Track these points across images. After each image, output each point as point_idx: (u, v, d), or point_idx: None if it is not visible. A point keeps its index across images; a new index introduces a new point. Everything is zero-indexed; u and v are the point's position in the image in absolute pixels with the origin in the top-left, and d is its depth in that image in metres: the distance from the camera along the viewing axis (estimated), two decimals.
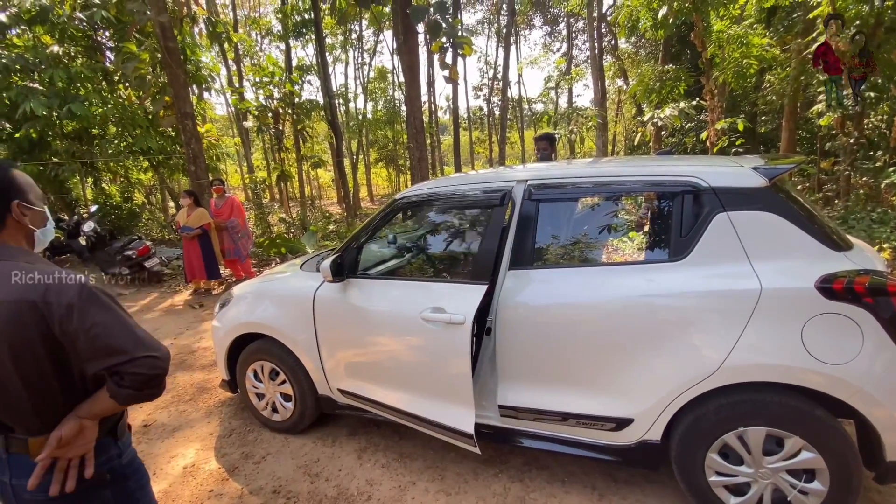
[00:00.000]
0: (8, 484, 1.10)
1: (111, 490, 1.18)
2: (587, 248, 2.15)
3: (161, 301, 6.42)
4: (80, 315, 1.03)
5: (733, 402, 1.72)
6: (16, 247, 1.11)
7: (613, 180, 2.04)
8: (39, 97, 7.62)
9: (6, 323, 1.00)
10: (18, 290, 1.02)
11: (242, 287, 3.10)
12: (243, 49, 15.41)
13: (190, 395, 3.45)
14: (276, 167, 12.94)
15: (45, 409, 1.07)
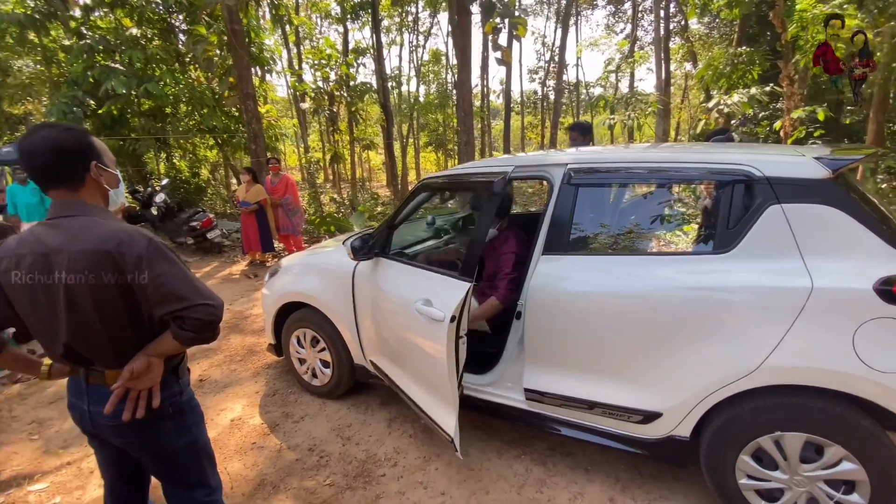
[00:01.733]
0: (86, 410, 1.29)
1: (172, 422, 1.35)
2: (625, 236, 2.08)
3: (220, 270, 6.91)
4: (149, 265, 1.16)
5: (771, 405, 1.65)
6: (93, 204, 1.26)
7: (657, 167, 1.96)
8: (120, 77, 8.29)
9: (87, 270, 1.15)
10: (97, 241, 1.16)
11: (290, 259, 3.28)
12: (303, 32, 15.89)
13: (241, 356, 3.74)
14: (329, 148, 13.34)
15: (119, 345, 1.23)
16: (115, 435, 1.31)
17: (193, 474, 1.44)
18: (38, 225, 1.22)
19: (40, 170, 1.19)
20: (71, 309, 1.17)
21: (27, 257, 1.17)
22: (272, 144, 11.25)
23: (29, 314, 1.21)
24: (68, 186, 1.22)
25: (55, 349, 1.25)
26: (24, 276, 1.17)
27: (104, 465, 1.45)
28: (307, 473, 2.28)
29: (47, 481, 2.29)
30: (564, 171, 2.10)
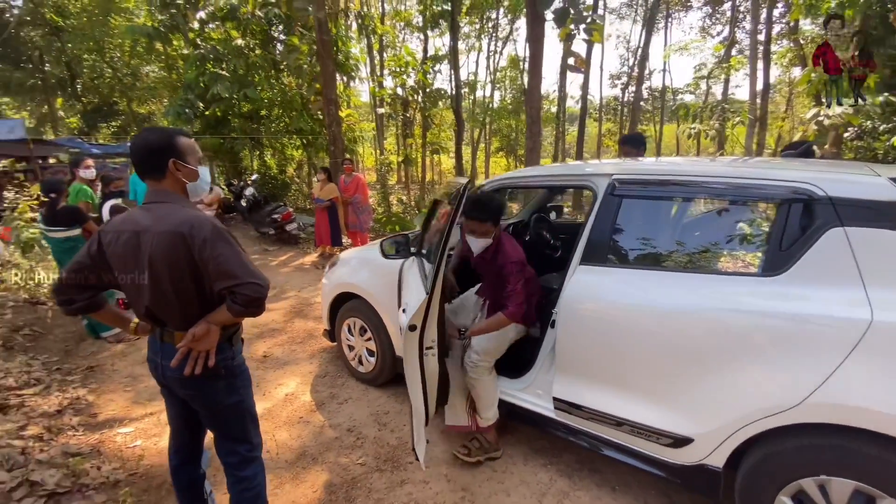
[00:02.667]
0: (160, 363, 1.55)
1: (223, 382, 1.57)
2: (668, 251, 2.00)
3: (294, 259, 7.51)
4: (211, 246, 1.39)
5: (817, 445, 1.52)
6: (174, 193, 1.52)
7: (708, 181, 1.87)
8: (225, 82, 9.31)
9: (165, 247, 1.40)
10: (174, 224, 1.40)
11: (349, 252, 3.53)
12: (387, 41, 16.69)
13: (301, 339, 4.07)
14: (402, 152, 13.89)
15: (187, 312, 1.47)
16: (178, 386, 1.55)
17: (238, 430, 1.65)
18: (137, 208, 1.51)
19: (137, 163, 1.49)
20: (152, 278, 1.42)
21: (125, 233, 1.44)
22: (350, 147, 11.95)
23: (123, 280, 1.49)
24: (154, 177, 1.49)
25: (139, 310, 1.52)
26: (121, 248, 1.44)
27: (170, 413, 1.71)
28: (343, 451, 2.46)
29: (133, 427, 2.70)
30: (609, 182, 2.08)
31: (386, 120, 15.80)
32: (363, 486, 2.20)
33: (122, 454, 2.43)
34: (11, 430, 2.39)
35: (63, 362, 3.52)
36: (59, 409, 2.79)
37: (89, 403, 2.95)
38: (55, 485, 2.03)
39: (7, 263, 4.79)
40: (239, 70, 9.88)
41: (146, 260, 1.41)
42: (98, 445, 2.49)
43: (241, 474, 1.65)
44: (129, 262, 1.44)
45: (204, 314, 1.48)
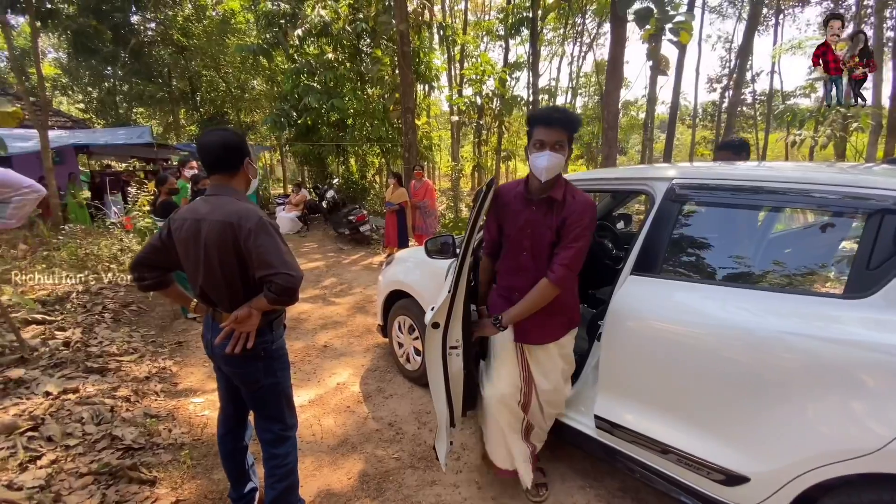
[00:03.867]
0: (210, 339, 1.70)
1: (262, 363, 1.69)
2: (735, 264, 1.78)
3: (365, 259, 7.88)
4: (255, 237, 1.51)
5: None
6: (232, 187, 1.67)
7: (784, 187, 1.64)
8: (316, 94, 10.10)
9: (217, 234, 1.54)
10: (226, 214, 1.55)
11: (405, 252, 3.62)
12: (468, 51, 16.98)
13: (359, 333, 4.25)
14: (474, 159, 14.01)
15: (233, 295, 1.61)
16: (223, 363, 1.69)
17: (273, 409, 1.76)
18: (200, 199, 1.68)
19: (213, 160, 1.63)
20: (206, 262, 1.57)
21: (188, 221, 1.60)
22: (425, 153, 12.32)
23: (185, 263, 1.66)
24: (228, 173, 1.64)
25: (195, 291, 1.69)
26: (184, 233, 1.60)
27: (219, 386, 1.87)
28: (381, 444, 2.52)
29: (204, 398, 2.99)
30: (668, 186, 1.91)
31: (463, 128, 16.05)
32: (395, 480, 2.22)
33: (191, 421, 2.71)
34: (106, 390, 2.77)
35: (158, 336, 4.01)
36: (148, 375, 3.19)
37: (173, 374, 3.33)
38: (132, 441, 2.32)
39: (126, 249, 5.60)
40: (329, 82, 10.68)
41: (202, 246, 1.56)
42: (173, 411, 2.79)
43: (274, 451, 1.76)
44: (189, 247, 1.60)
45: (248, 299, 1.60)
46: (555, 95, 19.77)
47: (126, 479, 2.08)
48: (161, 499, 2.02)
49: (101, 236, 6.09)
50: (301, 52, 11.09)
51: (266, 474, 1.77)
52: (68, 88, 17.30)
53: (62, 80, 16.93)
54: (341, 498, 2.10)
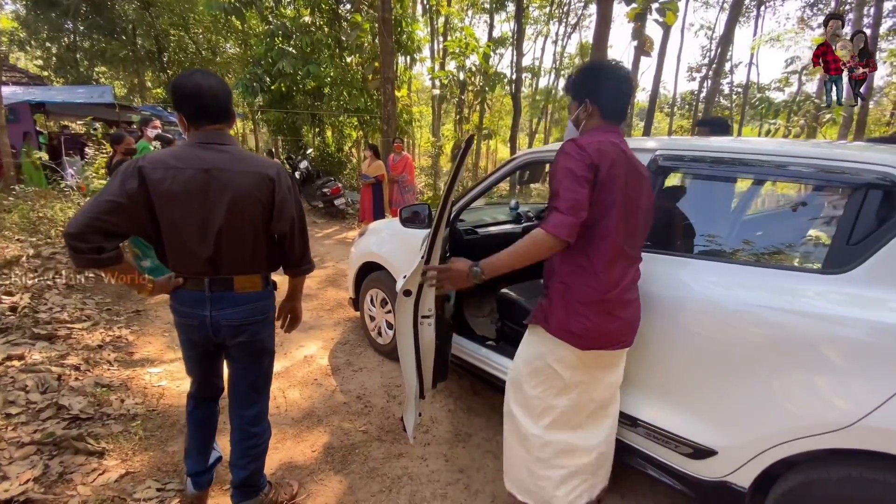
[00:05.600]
0: (208, 315, 1.47)
1: (272, 327, 1.65)
2: (710, 237, 1.76)
3: (339, 233, 7.69)
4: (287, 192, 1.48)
5: (868, 479, 1.26)
6: (233, 137, 1.52)
7: (764, 159, 1.61)
8: (290, 58, 9.62)
9: (253, 186, 1.42)
10: (262, 167, 1.45)
11: (378, 223, 3.51)
12: (451, 25, 16.54)
13: (330, 306, 4.14)
14: (455, 136, 13.79)
15: (257, 253, 1.49)
16: (233, 335, 1.51)
17: (265, 379, 1.68)
18: (191, 145, 1.39)
19: (221, 106, 1.43)
20: (229, 219, 1.39)
21: (187, 171, 1.34)
22: (404, 128, 12.01)
23: (179, 223, 1.36)
24: (228, 122, 1.49)
25: (201, 254, 1.39)
26: (181, 186, 1.33)
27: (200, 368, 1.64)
28: (349, 417, 2.45)
29: (162, 368, 2.85)
30: (651, 158, 1.86)
31: (444, 103, 15.73)
32: (361, 452, 2.17)
33: (146, 391, 2.58)
34: (53, 357, 2.60)
35: (115, 304, 3.80)
36: (101, 344, 3.01)
37: (129, 343, 3.16)
38: (80, 411, 2.18)
39: None
40: (305, 47, 10.17)
41: (225, 199, 1.37)
42: (127, 381, 2.65)
43: (253, 430, 1.65)
44: (194, 202, 1.35)
45: (267, 259, 1.53)
46: (538, 75, 19.57)
47: (72, 450, 1.95)
48: (109, 470, 1.90)
49: (55, 199, 5.71)
50: (276, 14, 10.51)
51: (238, 455, 1.65)
52: (26, 43, 16.02)
53: (20, 35, 15.64)
54: (304, 470, 2.04)
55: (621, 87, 1.45)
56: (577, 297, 1.42)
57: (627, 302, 1.46)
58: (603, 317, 1.41)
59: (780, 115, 6.70)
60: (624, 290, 1.43)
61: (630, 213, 1.40)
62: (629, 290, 1.46)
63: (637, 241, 1.48)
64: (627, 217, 1.39)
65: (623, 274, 1.43)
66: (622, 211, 1.37)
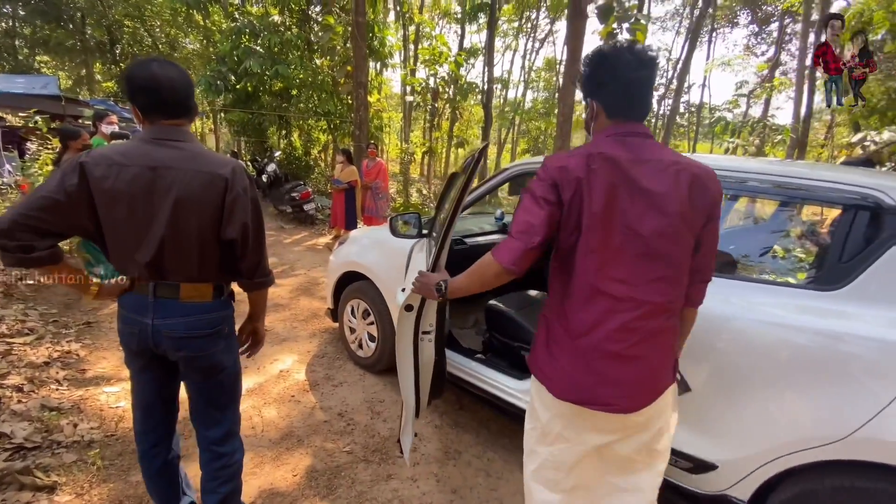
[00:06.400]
0: (149, 324, 1.33)
1: (225, 341, 1.46)
2: None
3: (308, 239, 7.44)
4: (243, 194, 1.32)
5: (861, 488, 1.29)
6: (191, 133, 1.38)
7: (751, 177, 1.65)
8: (258, 58, 9.30)
9: (202, 187, 1.27)
10: (214, 165, 1.30)
11: (360, 231, 3.39)
12: (423, 32, 16.58)
13: (304, 317, 3.95)
14: (426, 143, 13.76)
15: (203, 262, 1.34)
16: (175, 347, 1.36)
17: (227, 397, 1.51)
18: (142, 141, 1.28)
19: (180, 100, 1.30)
20: (174, 221, 1.26)
21: (132, 168, 1.24)
22: (375, 133, 11.86)
23: (121, 224, 1.26)
24: (188, 118, 1.35)
25: (139, 257, 1.28)
26: (125, 184, 1.23)
27: (144, 389, 1.48)
28: (331, 436, 2.31)
29: (120, 387, 2.59)
30: None
31: (414, 111, 15.68)
32: (347, 475, 2.04)
33: (103, 414, 2.33)
34: None
35: (62, 315, 3.46)
36: (48, 360, 2.71)
37: (80, 359, 2.87)
38: (24, 438, 1.93)
39: None
40: (273, 47, 9.86)
41: (170, 200, 1.25)
42: (80, 403, 2.39)
43: (221, 450, 1.50)
44: (138, 201, 1.25)
45: (218, 266, 1.37)
46: (507, 87, 19.92)
47: (16, 485, 1.71)
48: None
49: None
50: (242, 11, 10.14)
51: (207, 478, 1.50)
52: None
53: None
54: (287, 497, 1.89)
55: (626, 73, 1.10)
56: (553, 335, 1.19)
57: (615, 356, 1.10)
58: (575, 366, 1.13)
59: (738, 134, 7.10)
60: (606, 340, 1.10)
61: (625, 243, 1.08)
62: (618, 341, 1.09)
63: (641, 277, 1.09)
64: (617, 246, 1.08)
65: (603, 318, 1.10)
66: (600, 238, 1.07)
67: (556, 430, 1.21)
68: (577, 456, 1.21)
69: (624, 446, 1.20)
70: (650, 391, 1.16)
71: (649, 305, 1.10)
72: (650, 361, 1.14)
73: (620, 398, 1.12)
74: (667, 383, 1.20)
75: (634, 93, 1.14)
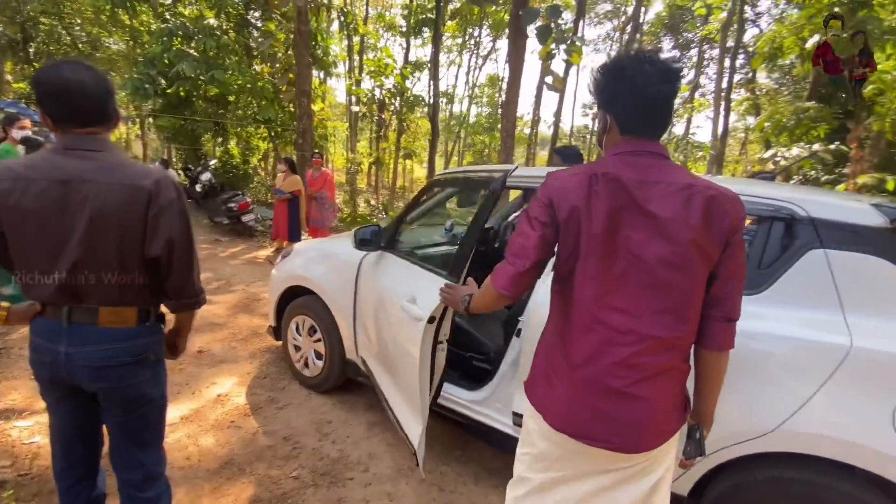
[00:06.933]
0: (62, 352, 1.21)
1: (150, 370, 1.33)
2: None
3: (247, 252, 7.08)
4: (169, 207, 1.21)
5: (788, 478, 1.42)
6: (111, 142, 1.27)
7: None
8: (192, 61, 8.82)
9: (121, 201, 1.16)
10: (135, 177, 1.19)
11: (306, 243, 3.28)
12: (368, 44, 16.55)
13: (243, 336, 3.74)
14: (374, 153, 13.67)
15: (124, 283, 1.21)
16: (91, 378, 1.23)
17: (152, 433, 1.39)
18: (52, 152, 1.19)
19: (91, 108, 1.18)
20: (90, 239, 1.15)
21: (40, 182, 1.13)
22: (320, 143, 11.61)
23: (30, 243, 1.17)
24: (106, 126, 1.23)
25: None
26: (33, 200, 1.13)
27: (61, 423, 1.35)
28: (276, 462, 2.19)
29: (33, 420, 2.31)
30: None
31: (360, 121, 15.55)
32: (294, 502, 1.94)
33: (15, 451, 2.06)
34: None
35: None
36: None
37: None
38: None
39: None
40: (209, 51, 9.41)
41: (85, 216, 1.14)
42: None
43: (142, 496, 1.36)
44: (46, 220, 1.14)
45: (150, 286, 1.26)
46: (452, 101, 20.32)
47: None
48: None
49: None
50: (174, 13, 9.60)
51: None
52: None
53: None
54: None
55: (646, 87, 1.00)
56: (553, 365, 1.11)
57: (616, 393, 1.01)
58: (573, 397, 1.06)
59: None
60: (606, 374, 1.01)
61: (628, 271, 0.99)
62: (619, 377, 1.01)
63: (645, 309, 1.00)
64: (619, 274, 1.00)
65: (602, 350, 1.01)
66: (601, 265, 1.00)
67: (553, 457, 1.13)
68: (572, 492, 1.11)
69: (622, 496, 1.09)
70: (654, 434, 1.05)
71: (653, 340, 0.99)
72: (654, 404, 1.02)
73: (618, 437, 1.03)
74: (674, 428, 1.09)
75: (652, 109, 1.03)
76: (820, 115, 8.08)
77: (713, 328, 1.06)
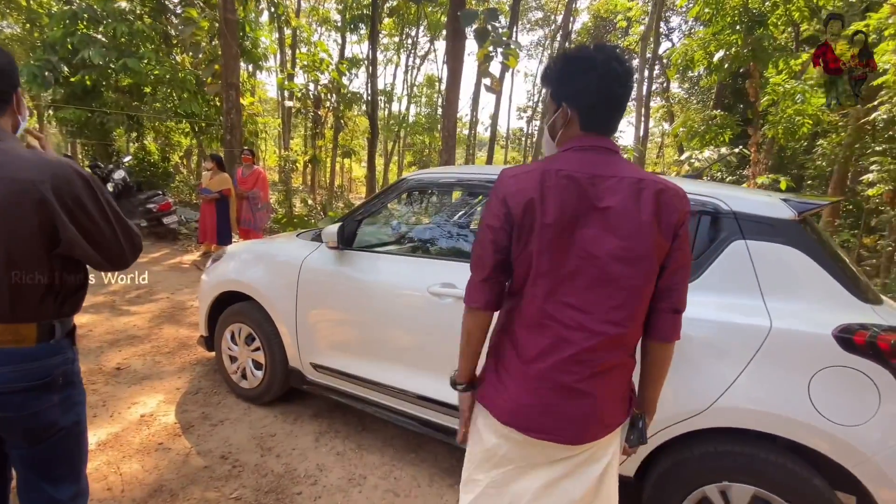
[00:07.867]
0: None
1: (60, 395, 1.14)
2: None
3: (171, 257, 6.52)
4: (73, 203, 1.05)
5: (721, 452, 1.54)
6: (7, 130, 1.09)
7: None
8: (99, 48, 7.95)
9: (9, 199, 0.98)
10: (24, 168, 1.00)
11: (238, 245, 3.07)
12: (301, 38, 15.89)
13: (169, 349, 3.42)
14: (310, 151, 13.16)
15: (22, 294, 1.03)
16: None
17: (66, 466, 1.20)
18: None
19: None
20: None
21: None
22: (250, 139, 10.96)
23: None
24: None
25: None
26: None
27: None
28: (213, 483, 2.02)
29: None
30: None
31: (294, 117, 14.89)
32: None
33: None
34: None
35: None
36: None
37: None
38: None
39: None
40: (120, 37, 8.53)
41: None
42: None
43: None
44: None
45: (53, 297, 1.08)
46: (391, 100, 20.11)
47: None
48: None
49: None
50: None
51: None
52: None
53: None
54: None
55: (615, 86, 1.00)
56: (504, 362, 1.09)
57: (565, 388, 1.01)
58: (523, 392, 1.04)
59: None
60: (557, 369, 1.01)
61: (581, 267, 0.98)
62: (569, 373, 1.00)
63: (597, 305, 0.99)
64: (571, 271, 0.98)
65: (554, 346, 1.01)
66: (553, 261, 0.98)
67: (501, 452, 1.09)
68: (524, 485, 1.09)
69: (574, 484, 1.08)
70: (600, 428, 1.06)
71: (603, 338, 0.99)
72: (598, 400, 1.03)
73: (565, 430, 1.03)
74: (619, 420, 1.10)
75: (616, 108, 1.03)
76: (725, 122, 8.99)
77: (661, 320, 1.06)
